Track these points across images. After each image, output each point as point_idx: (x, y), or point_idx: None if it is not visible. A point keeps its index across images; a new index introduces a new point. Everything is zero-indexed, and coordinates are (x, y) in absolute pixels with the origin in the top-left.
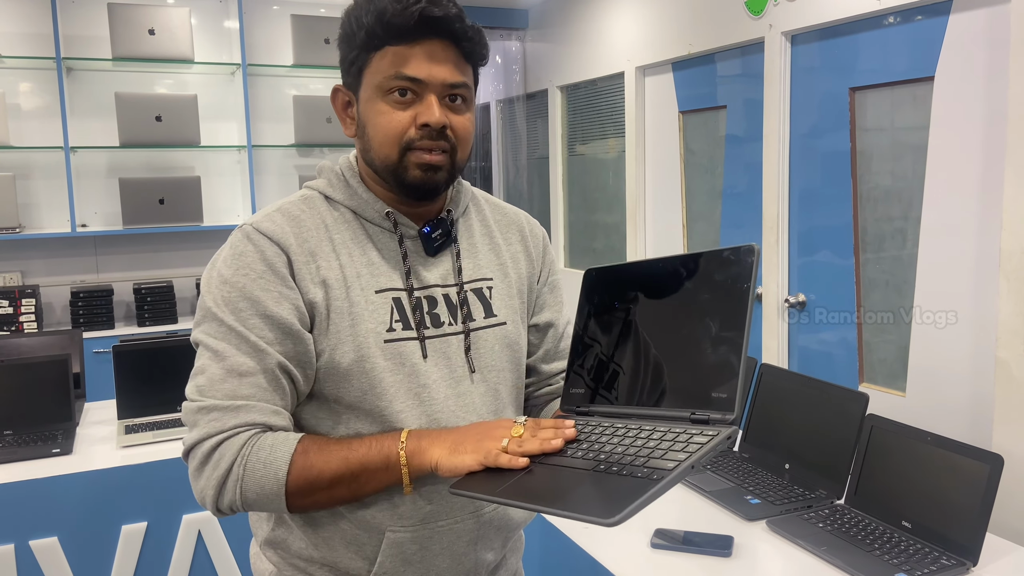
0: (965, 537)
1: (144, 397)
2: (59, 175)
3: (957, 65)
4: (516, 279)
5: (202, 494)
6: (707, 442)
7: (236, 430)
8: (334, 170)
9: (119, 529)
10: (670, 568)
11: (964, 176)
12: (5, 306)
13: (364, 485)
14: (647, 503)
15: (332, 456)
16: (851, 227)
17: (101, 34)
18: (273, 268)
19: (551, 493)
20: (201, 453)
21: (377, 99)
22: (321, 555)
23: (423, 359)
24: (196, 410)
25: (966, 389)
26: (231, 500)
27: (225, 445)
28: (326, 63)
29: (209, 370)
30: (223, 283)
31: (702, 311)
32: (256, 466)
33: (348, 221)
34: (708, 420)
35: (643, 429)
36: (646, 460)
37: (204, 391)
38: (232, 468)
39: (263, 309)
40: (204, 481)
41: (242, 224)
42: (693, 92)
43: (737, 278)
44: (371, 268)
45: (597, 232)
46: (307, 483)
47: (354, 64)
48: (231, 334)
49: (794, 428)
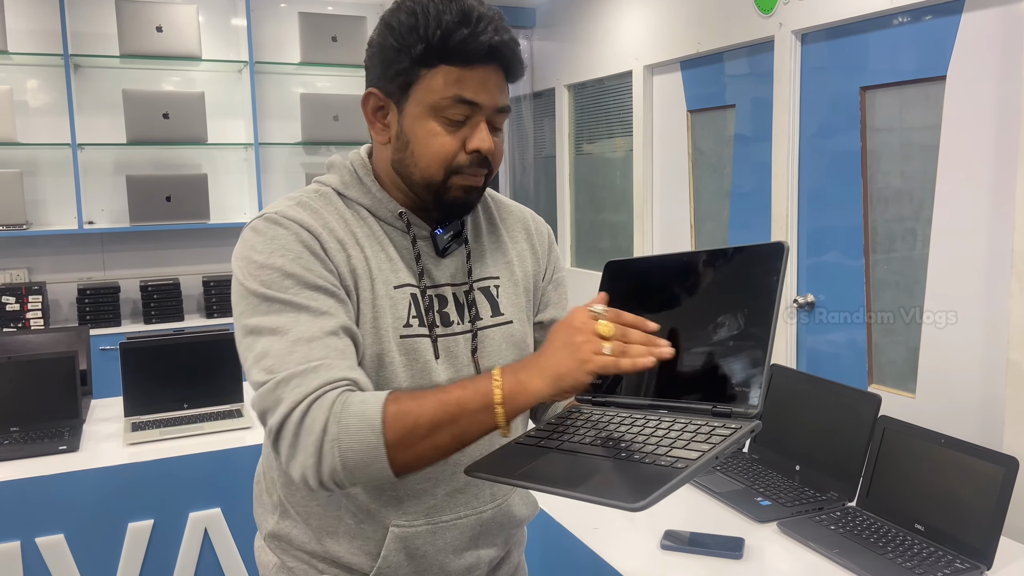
0: (979, 540)
1: (151, 394)
2: (66, 172)
3: (969, 64)
4: (522, 277)
5: (302, 468)
6: (730, 434)
7: (322, 389)
8: (346, 166)
9: (125, 526)
10: (680, 570)
11: (976, 176)
12: (12, 303)
13: (467, 429)
14: (672, 490)
15: (427, 401)
16: (861, 227)
17: (109, 31)
18: (311, 249)
19: (572, 477)
20: (292, 424)
21: (428, 118)
22: (324, 549)
23: (435, 358)
24: (273, 387)
25: (977, 391)
26: (331, 466)
27: (315, 407)
28: (333, 61)
29: (273, 348)
30: (260, 268)
31: (727, 305)
32: (350, 421)
33: (364, 218)
34: (731, 414)
35: (663, 420)
36: (668, 450)
37: (274, 368)
38: (327, 428)
39: (310, 281)
40: (302, 454)
41: (261, 215)
42: (701, 91)
43: (766, 274)
44: (390, 264)
45: (604, 231)
46: (406, 431)
47: (401, 75)
48: (286, 308)
49: (805, 429)
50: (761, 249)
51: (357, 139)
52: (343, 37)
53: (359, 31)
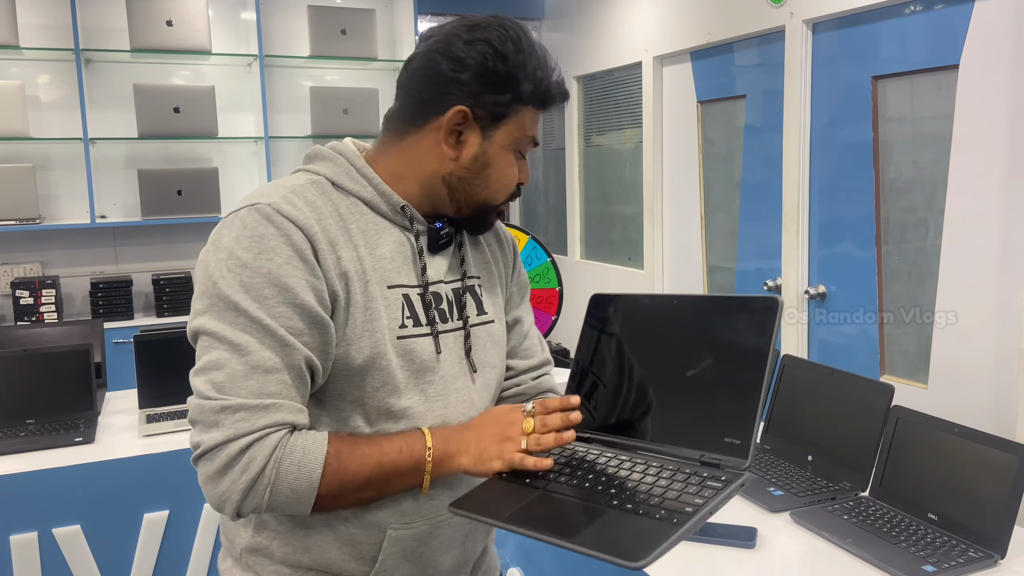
0: (993, 530)
1: (165, 386)
2: (78, 166)
3: (982, 53)
4: (498, 277)
5: (223, 498)
6: (723, 488)
7: (266, 430)
8: (340, 157)
9: (141, 517)
10: (693, 559)
11: (989, 166)
12: (26, 296)
13: (392, 487)
14: (670, 547)
15: (366, 459)
16: (873, 218)
17: (119, 25)
18: (301, 254)
19: (567, 526)
20: (226, 455)
21: (509, 151)
22: (311, 559)
23: (436, 354)
24: (218, 409)
25: (989, 382)
26: (256, 504)
27: (256, 447)
28: (343, 54)
29: (229, 365)
30: (241, 267)
31: (720, 354)
32: (289, 469)
33: (361, 212)
34: (719, 464)
35: (651, 466)
36: (661, 500)
37: (224, 388)
38: (264, 471)
39: (292, 297)
40: (228, 485)
41: (253, 203)
42: (711, 82)
43: (760, 327)
44: (383, 262)
45: (614, 224)
46: (340, 486)
47: (500, 106)
48: (253, 326)
49: (817, 420)
50: (755, 301)
51: (366, 132)
52: (352, 30)
53: (368, 24)
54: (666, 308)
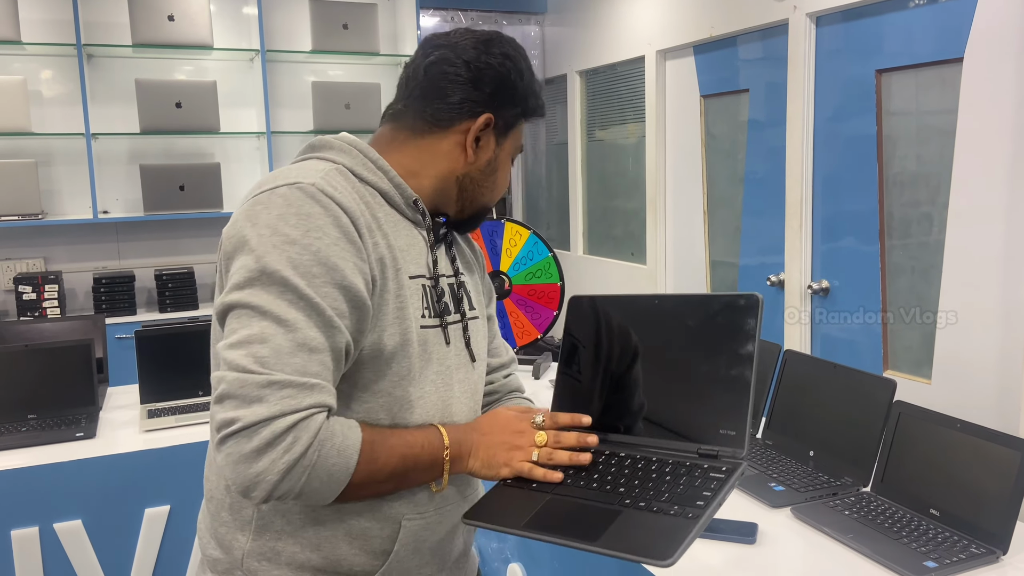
0: (995, 525)
1: (167, 382)
2: (80, 162)
3: (987, 46)
4: (478, 276)
5: (256, 479)
6: (726, 479)
7: (311, 410)
8: (354, 149)
9: (142, 512)
10: (693, 555)
11: (993, 161)
12: (29, 292)
13: (409, 482)
14: (692, 541)
15: (393, 452)
16: (876, 213)
17: (121, 20)
18: (348, 235)
19: (589, 530)
20: (270, 433)
21: (508, 158)
22: (321, 557)
23: (446, 346)
24: (264, 383)
25: (993, 377)
26: (290, 487)
27: (301, 427)
28: (345, 49)
29: (274, 340)
30: (289, 243)
31: (707, 351)
32: (330, 453)
33: (380, 203)
34: (716, 455)
35: (651, 461)
36: (671, 496)
37: (268, 363)
38: (306, 453)
39: (340, 278)
40: (266, 465)
41: (292, 182)
42: (715, 76)
43: (744, 322)
44: (403, 253)
45: (617, 219)
46: (368, 475)
47: (514, 118)
48: (302, 302)
49: (819, 415)
50: (738, 299)
51: (368, 127)
52: (354, 25)
53: (370, 19)
54: (646, 308)
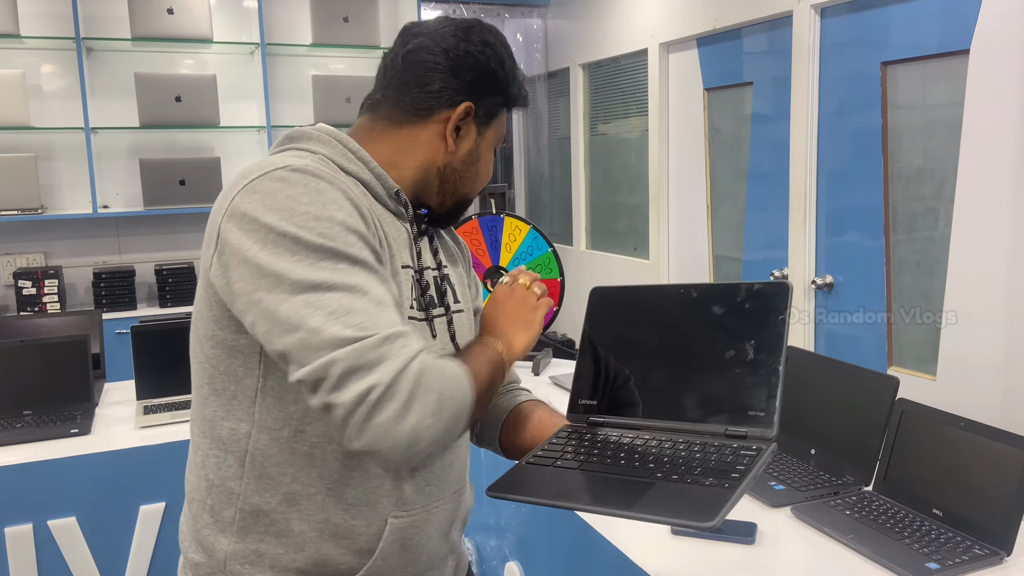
0: (999, 526)
1: (163, 378)
2: (80, 156)
3: (993, 38)
4: (463, 269)
5: (415, 430)
6: (758, 456)
7: (422, 351)
8: (333, 139)
9: (137, 509)
10: (692, 555)
11: (1000, 154)
12: (28, 287)
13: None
14: (733, 505)
15: (479, 364)
16: (881, 207)
17: (120, 14)
18: (358, 208)
19: (624, 498)
20: (409, 382)
21: (490, 148)
22: (305, 557)
23: (432, 339)
24: (378, 343)
25: (999, 374)
26: (440, 429)
27: (423, 367)
28: (345, 42)
29: (357, 305)
30: (314, 219)
31: (735, 335)
32: (450, 381)
33: (363, 192)
34: (746, 436)
35: (678, 442)
36: (704, 470)
37: (367, 326)
38: (442, 388)
39: (367, 242)
40: (419, 412)
41: (287, 166)
42: (718, 69)
43: (772, 308)
44: (394, 241)
45: (620, 213)
46: (480, 392)
47: (495, 107)
48: (356, 267)
49: (820, 412)
50: (768, 286)
51: None
52: (355, 18)
53: (371, 11)
54: (669, 297)
